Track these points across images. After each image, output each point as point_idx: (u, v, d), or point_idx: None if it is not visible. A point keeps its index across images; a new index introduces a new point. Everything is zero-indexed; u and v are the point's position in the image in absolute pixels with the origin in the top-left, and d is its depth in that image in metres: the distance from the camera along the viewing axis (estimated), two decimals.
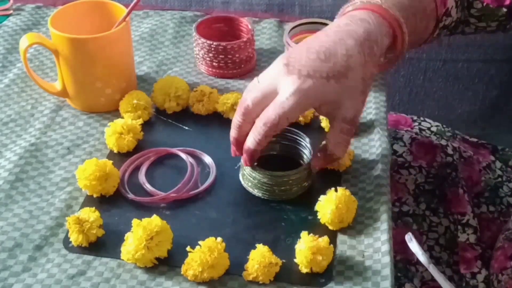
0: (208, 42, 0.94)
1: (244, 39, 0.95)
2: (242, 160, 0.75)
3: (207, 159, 0.81)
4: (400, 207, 0.95)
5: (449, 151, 0.98)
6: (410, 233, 0.74)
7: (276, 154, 0.82)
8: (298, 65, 0.69)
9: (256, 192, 0.77)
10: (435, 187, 0.96)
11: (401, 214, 0.95)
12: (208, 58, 0.95)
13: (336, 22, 0.75)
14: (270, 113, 0.69)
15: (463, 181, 0.96)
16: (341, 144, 0.73)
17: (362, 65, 0.70)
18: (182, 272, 0.67)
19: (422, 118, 1.08)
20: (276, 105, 0.69)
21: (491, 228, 0.96)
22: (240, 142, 0.74)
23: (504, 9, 0.85)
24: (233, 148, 0.76)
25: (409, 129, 1.04)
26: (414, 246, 0.73)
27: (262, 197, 0.76)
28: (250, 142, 0.72)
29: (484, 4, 0.85)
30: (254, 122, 0.72)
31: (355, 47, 0.70)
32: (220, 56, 0.94)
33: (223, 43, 0.94)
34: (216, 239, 0.68)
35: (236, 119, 0.73)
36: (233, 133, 0.74)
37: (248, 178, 0.77)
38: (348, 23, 0.72)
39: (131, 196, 0.76)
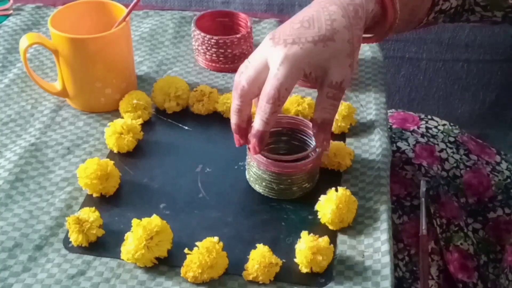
0: (202, 34, 0.94)
1: (238, 36, 0.95)
2: (248, 149, 0.73)
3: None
4: (411, 201, 0.96)
5: (446, 166, 0.98)
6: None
7: (285, 153, 0.81)
8: (283, 35, 0.69)
9: (257, 188, 0.77)
10: (429, 187, 0.97)
11: (413, 208, 0.95)
12: (202, 50, 0.96)
13: None
14: (268, 89, 0.68)
15: (455, 198, 0.96)
16: (328, 109, 0.71)
17: (347, 28, 0.69)
18: (182, 275, 0.67)
19: (429, 117, 1.08)
20: (271, 78, 0.68)
21: (511, 230, 0.96)
22: (242, 128, 0.73)
23: (511, 1, 0.83)
24: (236, 137, 0.74)
25: (415, 128, 1.04)
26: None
27: (263, 193, 0.76)
28: (258, 124, 0.70)
29: None
30: (251, 104, 0.71)
31: (338, 11, 0.70)
32: (213, 49, 0.94)
33: (215, 37, 0.94)
34: (213, 238, 0.68)
35: (235, 103, 0.72)
36: (233, 119, 0.72)
37: (250, 172, 0.77)
38: None
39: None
